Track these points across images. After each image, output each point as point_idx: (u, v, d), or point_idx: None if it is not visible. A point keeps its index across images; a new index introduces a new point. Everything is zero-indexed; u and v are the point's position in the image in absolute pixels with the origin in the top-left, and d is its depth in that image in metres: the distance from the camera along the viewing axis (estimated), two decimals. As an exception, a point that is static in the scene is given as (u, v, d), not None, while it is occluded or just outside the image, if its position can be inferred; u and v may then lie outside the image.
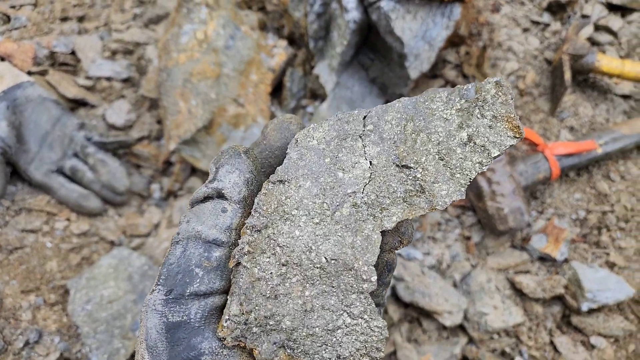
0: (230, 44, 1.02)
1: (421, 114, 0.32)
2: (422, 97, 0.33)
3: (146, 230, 1.00)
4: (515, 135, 0.30)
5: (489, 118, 0.31)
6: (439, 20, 0.97)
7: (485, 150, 0.30)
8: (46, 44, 1.18)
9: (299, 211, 0.31)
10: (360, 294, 0.30)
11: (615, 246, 1.06)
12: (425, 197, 0.31)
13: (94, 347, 0.78)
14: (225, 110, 1.01)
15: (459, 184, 0.31)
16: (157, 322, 0.29)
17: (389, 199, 0.31)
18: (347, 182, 0.31)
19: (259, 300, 0.30)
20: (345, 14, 0.94)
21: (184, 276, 0.30)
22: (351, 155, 0.32)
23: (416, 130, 0.31)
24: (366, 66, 1.10)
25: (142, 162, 1.08)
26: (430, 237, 1.08)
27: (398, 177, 0.31)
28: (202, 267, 0.30)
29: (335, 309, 0.30)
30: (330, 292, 0.31)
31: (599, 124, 1.14)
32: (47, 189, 0.96)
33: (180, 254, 0.30)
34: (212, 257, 0.30)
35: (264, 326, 0.30)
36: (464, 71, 1.15)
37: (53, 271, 0.90)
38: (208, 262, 0.30)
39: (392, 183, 0.31)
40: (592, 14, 1.20)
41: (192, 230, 0.31)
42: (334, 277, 0.30)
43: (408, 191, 0.31)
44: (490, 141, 0.30)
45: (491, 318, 0.98)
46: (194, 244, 0.30)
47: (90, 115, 1.10)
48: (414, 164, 0.31)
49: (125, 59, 1.18)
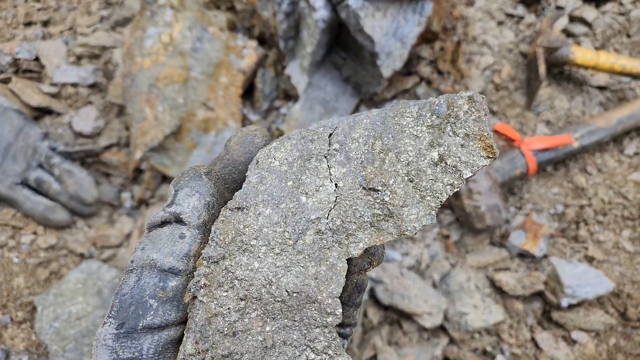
0: (198, 47, 0.99)
1: (390, 131, 0.30)
2: (391, 112, 0.30)
3: (117, 241, 0.98)
4: (489, 155, 0.29)
5: (461, 136, 0.29)
6: (410, 17, 0.95)
7: (457, 171, 0.29)
8: (9, 51, 1.14)
9: (258, 241, 0.29)
10: (324, 327, 0.29)
11: (594, 240, 1.06)
12: (394, 222, 0.29)
13: (62, 366, 0.75)
14: (194, 115, 0.98)
15: (429, 207, 0.29)
16: (107, 359, 0.27)
17: (355, 224, 0.29)
18: (310, 207, 0.29)
19: (215, 338, 0.28)
20: (313, 12, 0.92)
21: (137, 308, 0.28)
22: (315, 177, 0.30)
23: (384, 150, 0.30)
24: (339, 65, 1.08)
25: (112, 170, 1.05)
26: (408, 237, 1.07)
27: (365, 200, 0.29)
28: (157, 298, 0.28)
29: (297, 344, 0.29)
30: (293, 327, 0.29)
31: (575, 117, 1.13)
32: (12, 202, 0.92)
33: (133, 284, 0.28)
34: (167, 287, 0.28)
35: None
36: (439, 67, 1.13)
37: (20, 287, 0.87)
38: (163, 293, 0.28)
39: (358, 207, 0.29)
40: (567, 5, 1.19)
41: (147, 258, 0.29)
42: (296, 310, 0.29)
43: (375, 215, 0.29)
44: (462, 161, 0.29)
45: (471, 317, 0.97)
46: (148, 273, 0.28)
47: (56, 123, 1.07)
48: (382, 187, 0.29)
49: (92, 64, 1.14)
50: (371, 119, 0.30)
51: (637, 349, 0.99)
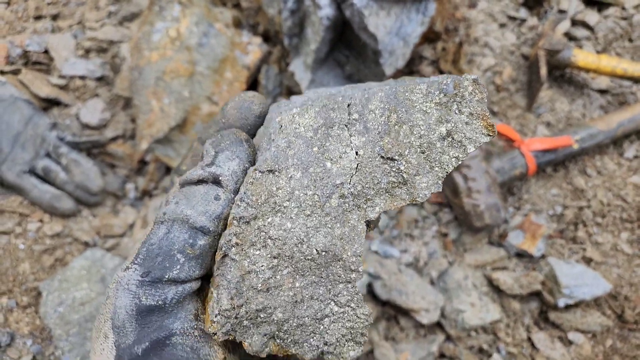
0: (204, 42, 1.01)
1: (403, 105, 0.32)
2: (401, 87, 0.33)
3: (121, 231, 0.99)
4: (489, 133, 0.31)
5: (466, 114, 0.31)
6: (414, 16, 0.97)
7: (462, 145, 0.31)
8: (19, 43, 1.16)
9: (290, 202, 0.30)
10: (347, 283, 0.31)
11: (592, 241, 1.07)
12: (407, 189, 0.31)
13: (67, 350, 0.77)
14: (199, 108, 1.00)
15: (437, 177, 0.31)
16: (128, 303, 0.28)
17: (373, 190, 0.31)
18: (335, 172, 0.31)
19: (249, 294, 0.30)
20: (318, 10, 0.93)
21: (164, 260, 0.28)
22: (339, 144, 0.32)
23: (399, 122, 0.32)
24: (342, 63, 1.10)
25: (117, 161, 1.07)
26: (407, 235, 1.08)
27: (382, 168, 0.31)
28: (185, 253, 0.29)
29: (323, 298, 0.31)
30: (319, 283, 0.31)
31: (575, 119, 1.14)
32: (20, 190, 0.94)
33: (163, 235, 0.29)
34: (196, 244, 0.29)
35: (254, 319, 0.30)
36: (441, 67, 1.14)
37: (26, 273, 0.89)
38: (191, 250, 0.29)
39: (376, 174, 0.31)
40: (569, 9, 1.20)
41: (181, 213, 0.29)
42: (323, 268, 0.31)
43: (391, 182, 0.31)
44: (466, 137, 0.31)
45: (468, 315, 0.98)
46: (179, 227, 0.29)
47: (64, 114, 1.09)
48: (398, 157, 0.31)
49: (99, 58, 1.16)
50: (385, 92, 0.32)
51: (633, 351, 1.00)
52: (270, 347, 0.30)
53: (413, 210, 1.09)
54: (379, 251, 1.04)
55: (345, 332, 0.31)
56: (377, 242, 1.05)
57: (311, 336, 0.30)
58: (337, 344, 0.30)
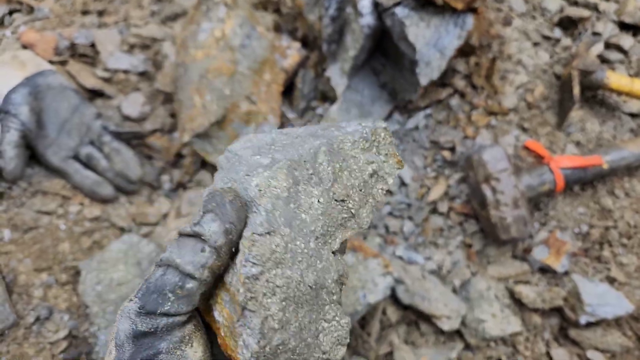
0: (246, 43, 1.05)
1: (339, 155, 0.41)
2: (333, 137, 0.41)
3: (155, 220, 1.03)
4: (399, 166, 0.43)
5: (383, 155, 0.42)
6: (452, 29, 0.99)
7: (384, 179, 0.41)
8: (67, 36, 1.21)
9: (287, 255, 0.37)
10: (331, 304, 0.39)
11: (617, 262, 1.07)
12: (355, 220, 0.41)
13: (103, 327, 0.80)
14: (238, 107, 1.04)
15: (371, 206, 0.41)
16: (127, 328, 0.35)
17: (333, 227, 0.40)
18: (309, 221, 0.39)
19: (270, 334, 0.36)
20: (359, 18, 0.97)
21: (158, 297, 0.35)
22: (306, 197, 0.39)
23: (341, 169, 0.41)
24: (377, 71, 1.13)
25: (154, 153, 1.11)
26: (432, 243, 1.09)
27: (337, 209, 0.40)
28: (175, 293, 0.35)
29: (316, 319, 0.38)
30: (312, 310, 0.38)
31: (605, 141, 1.15)
32: (63, 174, 0.99)
33: (159, 277, 0.36)
34: (185, 287, 0.35)
35: (276, 352, 0.37)
36: (474, 81, 1.17)
37: (65, 252, 0.93)
38: (181, 291, 0.35)
39: (334, 214, 0.40)
40: (604, 32, 1.22)
41: (173, 260, 0.36)
42: (315, 298, 0.38)
43: (344, 218, 0.40)
44: (386, 172, 0.42)
45: (489, 325, 0.99)
46: (172, 271, 0.35)
47: (107, 105, 1.14)
48: (346, 197, 0.40)
49: (143, 54, 1.21)
50: (326, 147, 0.40)
51: (653, 375, 0.99)
52: None
53: (439, 219, 1.11)
54: (404, 257, 1.06)
55: (334, 340, 0.39)
56: (401, 248, 1.07)
57: (314, 351, 0.38)
58: (330, 351, 0.38)
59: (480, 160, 1.02)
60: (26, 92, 0.95)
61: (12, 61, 0.99)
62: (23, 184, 0.96)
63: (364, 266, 0.90)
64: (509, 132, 1.15)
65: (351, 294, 0.87)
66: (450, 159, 1.14)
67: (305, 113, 1.18)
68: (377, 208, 0.40)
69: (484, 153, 1.02)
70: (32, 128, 0.94)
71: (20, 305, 0.84)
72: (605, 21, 1.23)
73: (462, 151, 1.13)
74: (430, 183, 1.13)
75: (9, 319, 0.81)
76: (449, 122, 1.17)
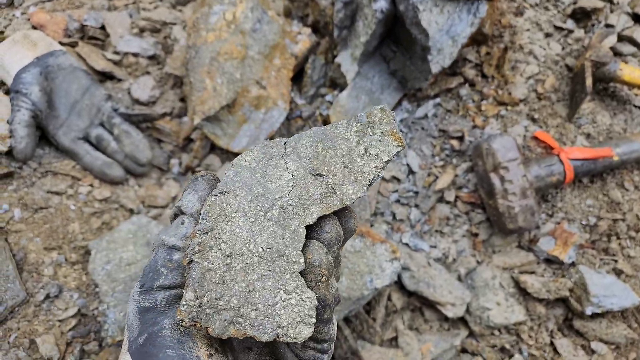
0: (257, 27, 1.05)
1: (329, 138, 0.41)
2: (328, 126, 0.42)
3: (164, 202, 1.04)
4: (399, 144, 0.41)
5: (378, 134, 0.41)
6: (465, 16, 0.99)
7: (378, 157, 0.41)
8: (77, 17, 1.21)
9: (237, 213, 0.38)
10: (292, 273, 0.38)
11: (624, 254, 1.07)
12: (337, 196, 0.40)
13: (112, 305, 0.81)
14: (248, 91, 1.03)
15: (361, 185, 0.40)
16: (133, 307, 0.38)
17: (309, 201, 0.39)
18: (274, 190, 0.39)
19: (209, 287, 0.36)
20: (373, 3, 0.96)
21: (153, 274, 0.38)
22: (276, 170, 0.40)
23: (325, 148, 0.41)
24: (388, 58, 1.12)
25: (164, 137, 1.11)
26: (438, 231, 1.09)
27: (314, 183, 0.40)
28: (166, 267, 0.38)
29: (273, 287, 0.37)
30: (268, 276, 0.37)
31: (616, 133, 1.14)
32: (73, 155, 0.99)
33: (152, 258, 0.39)
34: (172, 259, 0.38)
35: (215, 307, 0.36)
36: (484, 71, 1.16)
37: (75, 232, 0.93)
38: (170, 263, 0.38)
39: (310, 188, 0.40)
40: (617, 24, 1.20)
41: (159, 239, 0.39)
42: (270, 262, 0.38)
43: (323, 193, 0.40)
44: (381, 150, 0.41)
45: (494, 314, 1.00)
46: (161, 249, 0.39)
47: (116, 88, 1.14)
48: (326, 172, 0.40)
49: (153, 37, 1.21)
50: (314, 131, 0.42)
51: (656, 367, 0.99)
52: (230, 330, 0.36)
53: (446, 207, 1.11)
54: (410, 244, 1.06)
55: (294, 315, 0.37)
56: (408, 235, 1.07)
57: (266, 320, 0.36)
58: (289, 326, 0.36)
59: (490, 148, 1.02)
60: (37, 72, 0.95)
61: (24, 40, 0.99)
62: (33, 164, 0.97)
63: (371, 251, 0.91)
64: (518, 123, 1.14)
65: (358, 278, 0.88)
66: (458, 148, 1.14)
67: (314, 99, 1.18)
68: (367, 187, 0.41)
69: (494, 142, 1.02)
70: (43, 108, 0.95)
71: (30, 283, 0.85)
72: (619, 13, 1.22)
73: (470, 140, 1.13)
74: (438, 171, 1.13)
75: (19, 295, 0.82)
76: (458, 111, 1.17)
